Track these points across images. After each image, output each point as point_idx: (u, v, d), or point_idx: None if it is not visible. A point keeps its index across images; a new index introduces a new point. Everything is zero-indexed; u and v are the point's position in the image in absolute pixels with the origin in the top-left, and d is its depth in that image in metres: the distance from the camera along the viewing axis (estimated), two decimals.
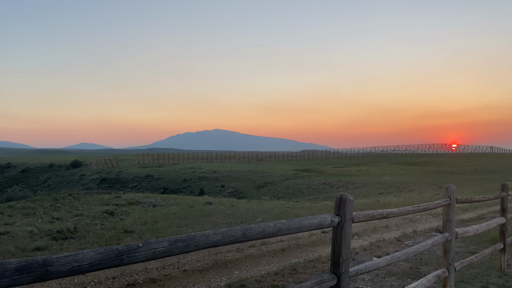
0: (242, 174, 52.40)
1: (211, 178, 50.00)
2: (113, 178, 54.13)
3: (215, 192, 42.18)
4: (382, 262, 3.40)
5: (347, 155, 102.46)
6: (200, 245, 1.92)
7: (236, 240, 2.09)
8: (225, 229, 2.05)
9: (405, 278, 5.78)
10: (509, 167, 59.20)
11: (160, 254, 1.83)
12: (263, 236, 2.25)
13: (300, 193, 39.39)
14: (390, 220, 12.67)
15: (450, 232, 4.59)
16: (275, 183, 46.68)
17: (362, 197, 29.10)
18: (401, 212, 3.75)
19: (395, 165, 65.94)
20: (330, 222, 2.79)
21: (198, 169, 57.30)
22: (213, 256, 7.32)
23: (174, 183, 49.35)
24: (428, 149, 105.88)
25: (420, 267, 6.53)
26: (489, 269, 6.46)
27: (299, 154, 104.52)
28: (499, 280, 5.85)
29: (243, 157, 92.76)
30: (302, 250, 8.30)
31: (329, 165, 72.38)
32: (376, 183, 39.30)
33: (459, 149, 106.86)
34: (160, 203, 15.67)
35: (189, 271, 6.40)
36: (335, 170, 59.81)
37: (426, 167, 62.13)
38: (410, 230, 10.87)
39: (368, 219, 3.26)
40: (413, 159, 77.01)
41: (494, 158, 75.81)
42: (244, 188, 45.06)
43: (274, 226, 2.32)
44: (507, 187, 6.51)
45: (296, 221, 2.52)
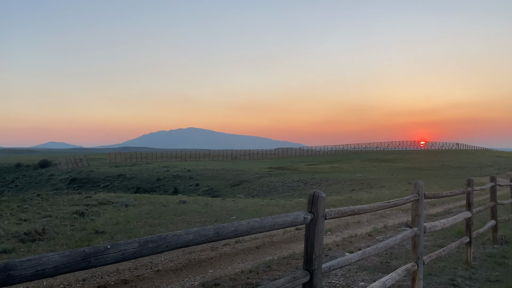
0: (216, 172, 52.18)
1: (185, 177, 49.56)
2: (84, 178, 52.75)
3: (189, 191, 41.82)
4: (353, 258, 3.46)
5: (321, 153, 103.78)
6: (171, 245, 1.88)
7: (209, 240, 2.07)
8: (197, 229, 2.03)
9: (376, 272, 5.91)
10: (474, 163, 61.57)
11: (130, 255, 1.79)
12: (236, 235, 2.23)
13: (275, 191, 39.62)
14: (362, 216, 12.93)
15: (419, 226, 4.73)
16: (250, 181, 46.75)
17: (335, 194, 29.58)
18: (372, 208, 3.83)
19: (366, 162, 67.36)
20: (303, 219, 2.81)
21: (172, 168, 56.65)
22: (187, 255, 7.26)
23: (147, 182, 48.60)
24: (398, 146, 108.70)
25: (391, 261, 6.70)
26: (456, 262, 6.70)
27: (274, 152, 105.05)
28: (466, 273, 6.07)
29: (218, 156, 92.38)
30: (276, 247, 8.34)
31: (303, 162, 73.12)
32: (348, 179, 40.03)
33: (427, 146, 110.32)
34: (132, 203, 15.39)
35: (162, 271, 6.32)
36: (309, 168, 60.49)
37: (396, 164, 63.78)
38: (381, 225, 11.12)
39: (341, 215, 3.31)
40: (384, 156, 78.91)
41: (460, 155, 78.68)
42: (219, 186, 44.90)
43: (247, 224, 2.31)
44: (473, 183, 6.76)
45: (270, 219, 2.52)
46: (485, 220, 10.43)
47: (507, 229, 9.95)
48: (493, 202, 8.25)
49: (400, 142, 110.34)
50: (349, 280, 5.54)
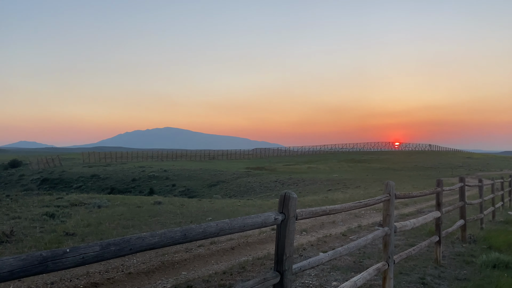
0: (193, 172, 51.78)
1: (161, 177, 48.93)
2: (56, 178, 51.35)
3: (165, 191, 41.32)
4: (324, 258, 3.48)
5: (298, 153, 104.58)
6: (135, 248, 1.83)
7: (176, 242, 2.02)
8: (163, 231, 1.98)
9: (348, 271, 5.98)
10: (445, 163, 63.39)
11: (91, 259, 1.72)
12: (205, 237, 2.20)
13: (252, 191, 39.65)
14: (337, 216, 13.09)
15: (390, 226, 4.81)
16: (227, 181, 46.62)
17: (312, 194, 29.86)
18: (343, 208, 3.86)
19: (343, 163, 68.31)
20: (273, 220, 2.80)
21: (148, 168, 55.85)
22: (160, 257, 7.14)
23: (122, 183, 47.73)
24: (373, 147, 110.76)
25: (363, 260, 6.79)
26: (426, 261, 6.85)
27: (252, 152, 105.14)
28: (435, 271, 6.22)
29: (195, 156, 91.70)
30: (251, 248, 8.32)
31: (280, 163, 73.47)
32: (325, 180, 40.49)
33: (401, 147, 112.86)
34: (105, 204, 15.05)
35: (134, 273, 6.19)
36: (286, 168, 60.85)
37: (371, 164, 64.96)
38: (355, 225, 11.28)
39: (312, 216, 3.32)
40: (360, 157, 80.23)
41: (432, 156, 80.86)
42: (196, 187, 44.57)
43: (216, 226, 2.27)
44: (442, 183, 6.93)
45: (239, 220, 2.49)
46: (454, 220, 10.74)
47: (475, 228, 10.28)
48: (462, 202, 8.50)
49: (375, 143, 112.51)
50: (322, 280, 5.58)
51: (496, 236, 8.65)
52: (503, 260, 6.53)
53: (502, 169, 53.97)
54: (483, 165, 61.21)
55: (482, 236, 8.97)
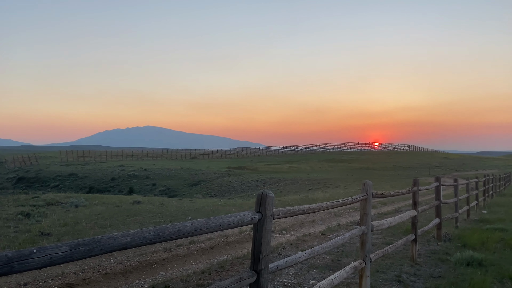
0: (174, 172, 51.34)
1: (141, 176, 48.34)
2: (32, 177, 50.09)
3: (145, 191, 40.83)
4: (301, 257, 3.49)
5: (280, 153, 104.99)
6: (106, 248, 1.79)
7: (149, 242, 1.99)
8: (136, 230, 1.94)
9: (326, 270, 6.03)
10: (423, 164, 64.74)
11: (59, 260, 1.68)
12: (179, 236, 2.17)
13: (233, 191, 39.61)
14: (316, 215, 13.19)
15: (367, 225, 4.87)
16: (209, 180, 46.42)
17: (293, 193, 30.03)
18: (320, 207, 3.89)
19: (323, 162, 68.93)
20: (250, 219, 2.80)
21: (128, 167, 55.08)
22: (138, 257, 7.05)
23: (101, 182, 46.93)
24: (353, 147, 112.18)
25: (341, 259, 6.86)
26: (402, 259, 6.97)
27: (233, 152, 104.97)
28: (411, 269, 6.34)
29: (176, 155, 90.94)
30: (231, 247, 8.30)
31: (262, 162, 73.60)
32: (306, 179, 40.79)
33: (381, 147, 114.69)
34: (83, 203, 14.77)
35: (110, 274, 6.09)
36: (268, 168, 61.00)
37: (351, 164, 65.78)
38: (335, 224, 11.39)
39: (289, 215, 3.33)
40: (340, 157, 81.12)
41: (411, 156, 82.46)
42: (177, 186, 44.21)
43: (191, 225, 2.25)
44: (418, 183, 7.06)
45: (215, 219, 2.48)
46: (431, 218, 10.96)
47: (450, 227, 10.52)
48: (437, 201, 8.69)
49: (355, 143, 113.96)
50: (300, 279, 5.61)
51: (470, 235, 8.87)
52: (476, 258, 6.71)
53: (477, 169, 55.47)
54: (459, 165, 62.80)
55: (457, 234, 9.20)
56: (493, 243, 8.24)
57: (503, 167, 60.98)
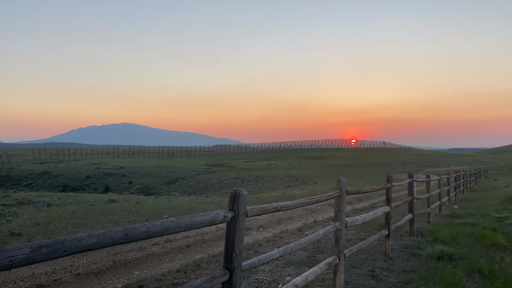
0: (151, 169, 50.71)
1: (117, 174, 47.52)
2: (3, 176, 48.48)
3: (122, 189, 40.18)
4: (275, 254, 3.50)
5: (258, 150, 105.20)
6: (70, 250, 1.74)
7: (117, 242, 1.94)
8: (102, 231, 1.89)
9: (302, 266, 6.08)
10: (398, 160, 66.19)
11: (20, 262, 1.62)
12: (148, 236, 2.13)
13: (212, 188, 39.46)
14: (294, 212, 13.29)
15: (341, 221, 4.93)
16: (187, 178, 46.08)
17: (271, 191, 30.17)
18: (295, 204, 3.91)
19: (301, 159, 69.51)
20: (223, 217, 2.78)
21: (103, 165, 54.05)
22: (112, 256, 6.92)
23: (75, 180, 45.89)
24: (330, 144, 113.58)
25: (317, 255, 6.93)
26: (376, 254, 7.10)
27: (212, 149, 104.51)
28: (384, 264, 6.46)
29: (153, 152, 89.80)
30: (207, 245, 8.26)
31: (240, 159, 73.59)
32: (284, 176, 41.03)
33: (358, 144, 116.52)
34: (56, 202, 14.39)
35: (83, 274, 5.96)
36: (246, 165, 61.04)
37: (328, 161, 66.58)
38: (311, 220, 11.51)
39: (263, 212, 3.33)
40: (318, 154, 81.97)
41: (386, 152, 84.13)
42: (154, 184, 43.69)
43: (161, 225, 2.22)
44: (392, 179, 7.20)
45: (187, 218, 2.45)
46: (404, 214, 11.21)
47: (423, 222, 10.80)
48: (410, 197, 8.89)
49: (333, 140, 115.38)
50: (276, 276, 5.64)
51: (442, 229, 9.12)
52: (447, 252, 6.90)
53: (449, 165, 57.12)
54: (432, 162, 64.52)
55: (429, 229, 9.44)
56: (463, 238, 8.50)
57: (473, 163, 63.05)
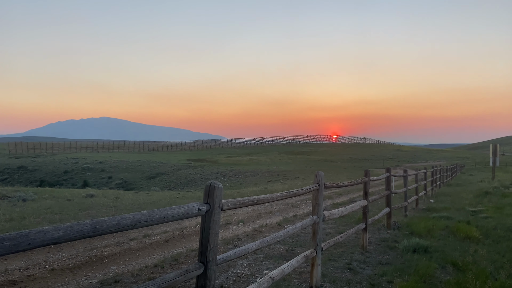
0: (131, 164, 50.06)
1: (96, 169, 46.73)
2: None
3: (101, 184, 39.55)
4: (251, 247, 3.50)
5: (240, 145, 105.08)
6: (35, 243, 1.69)
7: (85, 236, 1.90)
8: (69, 224, 1.85)
9: (281, 260, 6.11)
10: (378, 155, 67.24)
11: None
12: (118, 230, 2.09)
13: (193, 183, 39.25)
14: (274, 206, 13.35)
15: (318, 215, 4.97)
16: (168, 173, 45.69)
17: (252, 185, 30.22)
18: (271, 198, 3.91)
19: (283, 155, 69.81)
20: (197, 211, 2.75)
21: (82, 160, 53.06)
22: (88, 252, 6.81)
23: (53, 175, 44.91)
24: (312, 139, 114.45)
25: (295, 248, 6.98)
26: (354, 247, 7.20)
27: (193, 144, 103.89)
28: (361, 257, 6.56)
29: (134, 147, 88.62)
30: (186, 240, 8.22)
31: (222, 154, 73.39)
32: (266, 171, 41.14)
33: (339, 140, 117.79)
34: (31, 197, 14.06)
35: (57, 270, 5.83)
36: (228, 160, 60.93)
37: (310, 156, 67.10)
38: (291, 214, 11.58)
39: (239, 206, 3.32)
40: (299, 149, 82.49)
41: (366, 148, 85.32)
42: (134, 179, 43.17)
43: (132, 218, 2.17)
44: (369, 173, 7.30)
45: (159, 211, 2.41)
46: (382, 208, 11.40)
47: (400, 215, 11.01)
48: (388, 191, 9.03)
49: (314, 136, 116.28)
50: (254, 269, 5.65)
51: (418, 223, 9.31)
52: (422, 245, 7.05)
53: (427, 160, 58.38)
54: (411, 157, 65.80)
55: (405, 222, 9.62)
56: (438, 231, 8.69)
57: (451, 158, 64.61)
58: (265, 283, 3.76)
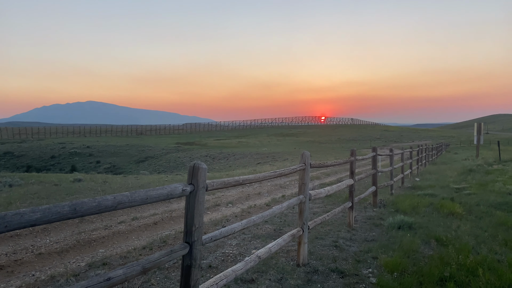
0: (120, 148, 49.67)
1: (84, 153, 46.28)
2: None
3: (89, 168, 39.26)
4: (237, 227, 3.53)
5: (229, 128, 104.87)
6: (12, 225, 1.67)
7: (64, 217, 1.88)
8: (48, 206, 1.82)
9: (268, 239, 6.18)
10: (365, 136, 67.79)
11: None
12: (99, 211, 2.08)
13: (182, 166, 39.20)
14: (263, 187, 13.44)
15: (304, 194, 5.01)
16: (156, 157, 45.50)
17: (242, 168, 30.31)
18: (257, 178, 3.92)
19: (272, 137, 69.93)
20: (181, 191, 2.75)
21: (69, 145, 52.43)
22: (76, 235, 6.79)
23: (40, 160, 44.39)
24: (301, 121, 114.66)
25: (283, 228, 7.06)
26: (340, 225, 7.32)
27: (182, 127, 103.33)
28: (347, 234, 6.67)
29: (122, 131, 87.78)
30: (175, 222, 8.25)
31: (211, 137, 73.20)
32: (255, 153, 41.24)
33: (327, 121, 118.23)
34: (18, 183, 13.89)
35: (45, 254, 5.82)
36: (217, 143, 60.83)
37: (299, 138, 67.35)
38: (280, 195, 11.68)
39: (224, 186, 3.32)
40: (288, 131, 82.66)
41: (354, 129, 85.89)
42: (122, 163, 42.92)
43: (113, 199, 2.16)
44: (355, 153, 7.36)
45: (142, 192, 2.40)
46: (368, 186, 11.57)
47: (386, 194, 11.18)
48: (374, 170, 9.14)
49: (303, 117, 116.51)
50: (242, 249, 5.71)
51: (403, 201, 9.48)
52: (407, 222, 7.20)
53: (414, 140, 59.10)
54: (398, 137, 66.52)
55: (391, 200, 9.79)
56: (423, 208, 8.88)
57: (436, 138, 65.52)
58: (251, 262, 3.81)
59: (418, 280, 4.47)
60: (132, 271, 2.35)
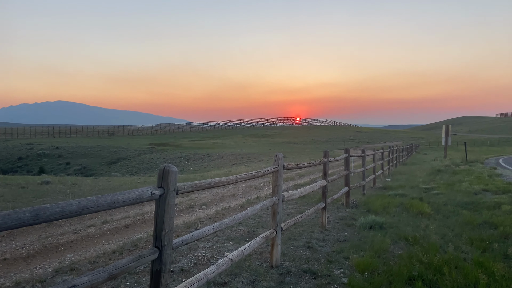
0: (91, 149, 48.44)
1: (53, 155, 44.88)
2: None
3: (58, 170, 38.09)
4: (209, 230, 3.49)
5: (204, 129, 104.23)
6: None
7: (25, 224, 1.80)
8: (7, 212, 1.74)
9: (242, 241, 6.16)
10: (339, 137, 68.87)
11: None
12: (63, 217, 2.00)
13: (156, 168, 38.61)
14: (237, 189, 13.40)
15: (278, 196, 5.02)
16: (129, 158, 44.67)
17: (217, 169, 30.16)
18: (230, 180, 3.90)
19: (247, 138, 69.97)
20: (150, 195, 2.69)
21: (37, 146, 50.72)
22: (43, 240, 6.56)
23: (6, 162, 42.73)
24: (276, 122, 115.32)
25: (257, 230, 7.06)
26: (314, 226, 7.38)
27: (156, 128, 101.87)
28: (320, 235, 6.74)
29: (93, 132, 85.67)
30: (147, 225, 8.11)
31: (186, 138, 72.52)
32: (230, 154, 41.14)
33: (302, 122, 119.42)
34: None
35: (10, 259, 5.59)
36: (192, 144, 60.31)
37: (274, 139, 67.68)
38: (254, 196, 11.68)
39: (195, 189, 3.28)
40: (263, 132, 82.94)
41: (328, 130, 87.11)
42: (93, 165, 41.89)
43: (78, 204, 2.09)
44: (328, 154, 7.45)
45: (108, 196, 2.33)
46: (342, 187, 11.73)
47: (358, 194, 11.37)
48: (346, 171, 9.28)
49: (278, 118, 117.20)
50: (215, 252, 5.67)
51: (374, 201, 9.67)
52: (378, 222, 7.33)
53: (385, 141, 60.47)
54: (370, 138, 67.93)
55: (363, 201, 9.96)
56: (393, 208, 9.07)
57: (407, 139, 67.30)
58: (224, 265, 3.78)
59: (388, 279, 4.56)
60: (98, 278, 2.28)
